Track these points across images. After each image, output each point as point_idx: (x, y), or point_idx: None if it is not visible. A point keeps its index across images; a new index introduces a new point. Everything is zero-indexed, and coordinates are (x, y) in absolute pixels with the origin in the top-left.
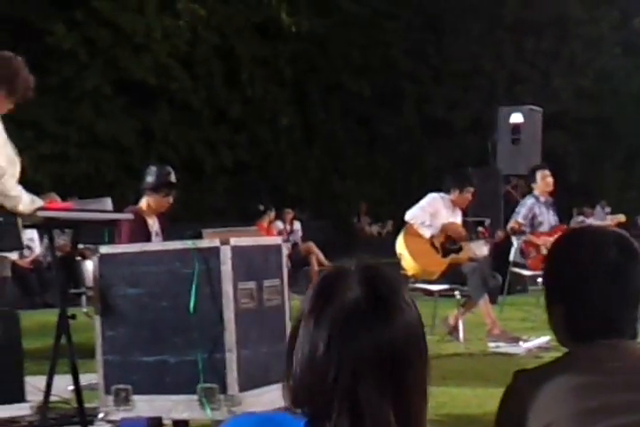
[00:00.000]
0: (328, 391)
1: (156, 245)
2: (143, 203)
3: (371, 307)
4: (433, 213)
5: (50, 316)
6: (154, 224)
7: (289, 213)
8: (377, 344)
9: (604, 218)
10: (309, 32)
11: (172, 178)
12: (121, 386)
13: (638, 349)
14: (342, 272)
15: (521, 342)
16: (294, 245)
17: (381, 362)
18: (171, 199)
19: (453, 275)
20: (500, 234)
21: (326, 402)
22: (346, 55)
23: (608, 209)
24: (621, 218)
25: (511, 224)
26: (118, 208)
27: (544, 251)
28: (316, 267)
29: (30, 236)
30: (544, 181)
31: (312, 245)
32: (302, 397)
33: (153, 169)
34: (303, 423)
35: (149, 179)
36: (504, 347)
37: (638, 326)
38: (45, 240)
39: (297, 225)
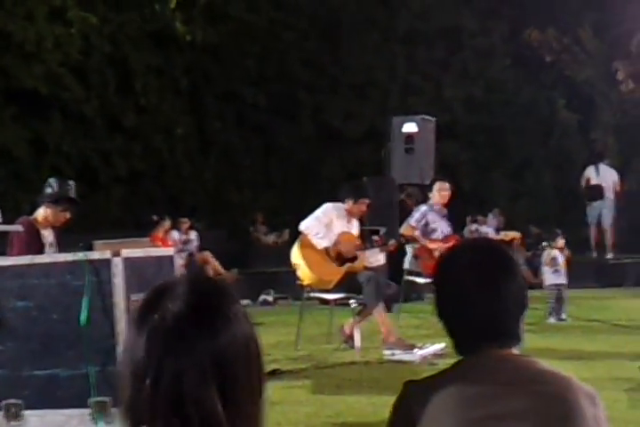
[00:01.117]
0: (148, 407)
1: (47, 257)
2: (39, 214)
3: (192, 320)
4: (327, 222)
5: None
6: (48, 236)
7: (185, 223)
8: (198, 358)
9: (496, 225)
10: (204, 41)
11: (73, 193)
12: (11, 401)
13: (523, 357)
14: (172, 283)
15: (416, 350)
16: (190, 254)
17: (203, 376)
18: (68, 214)
19: (349, 284)
20: (393, 241)
21: (149, 410)
22: (241, 65)
23: (501, 218)
24: (516, 235)
25: (403, 229)
26: (8, 220)
27: (437, 256)
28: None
29: None
30: (440, 193)
31: (208, 255)
32: (126, 413)
33: (54, 181)
34: None
35: (49, 190)
36: (399, 355)
37: (522, 334)
38: None
39: (193, 235)
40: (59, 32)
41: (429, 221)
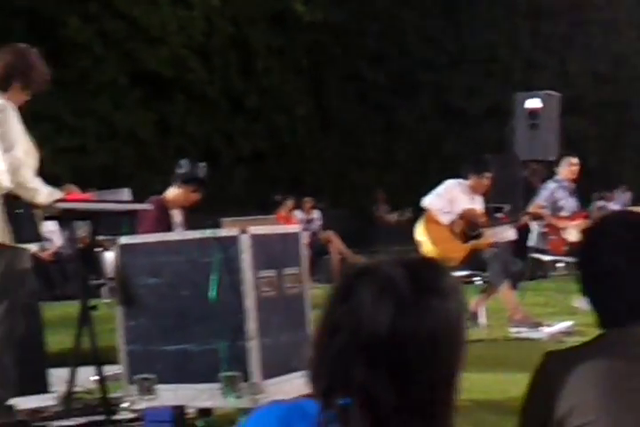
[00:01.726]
0: (344, 377)
1: (176, 235)
2: (170, 194)
3: (411, 289)
4: (450, 199)
5: (71, 307)
6: (177, 216)
7: (308, 202)
8: (407, 331)
9: (623, 201)
10: (324, 21)
11: (203, 174)
12: (144, 376)
13: None
14: (384, 258)
15: (543, 328)
16: (313, 234)
17: (410, 349)
18: (198, 195)
19: (474, 261)
20: (523, 219)
21: (341, 387)
22: (361, 44)
23: (628, 193)
24: None
25: (531, 208)
26: (137, 200)
27: (565, 235)
28: (335, 256)
29: (50, 228)
30: (569, 168)
31: (331, 234)
32: (320, 383)
33: (185, 162)
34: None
35: (180, 171)
36: (526, 332)
37: None
38: (66, 232)
39: (316, 214)
40: (182, 15)
41: (557, 199)
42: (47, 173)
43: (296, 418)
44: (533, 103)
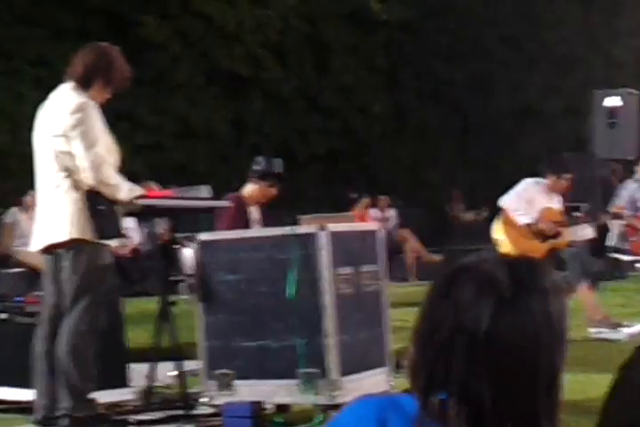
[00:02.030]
0: (443, 373)
1: (255, 231)
2: (247, 190)
3: (512, 288)
4: (529, 199)
5: (149, 303)
6: (254, 212)
7: (383, 201)
8: (507, 329)
9: None
10: (400, 19)
11: (280, 168)
12: (223, 371)
13: None
14: (484, 256)
15: (622, 328)
16: (389, 232)
17: (510, 344)
18: (275, 190)
19: (552, 261)
20: (603, 218)
21: (440, 383)
22: (437, 41)
23: None
24: None
25: (612, 208)
26: (215, 197)
27: None
28: (410, 254)
29: (129, 225)
30: None
31: (407, 233)
32: (420, 379)
33: (261, 158)
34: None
35: (257, 167)
36: (605, 333)
37: None
38: (144, 229)
39: (391, 212)
40: (258, 13)
41: (637, 199)
42: (125, 171)
43: (392, 412)
44: (613, 101)
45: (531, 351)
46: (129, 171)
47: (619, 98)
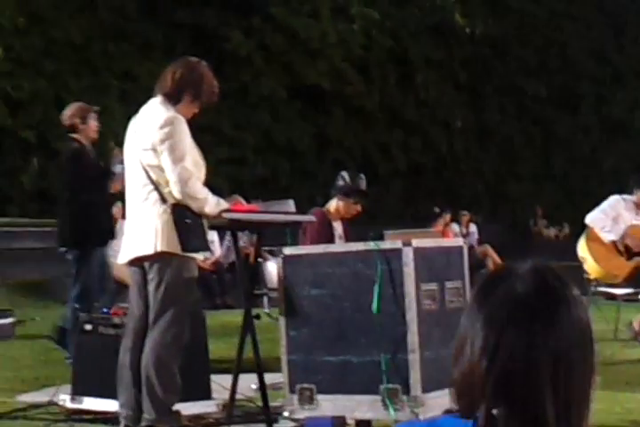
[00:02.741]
0: (480, 387)
1: (339, 246)
2: (331, 206)
3: (539, 300)
4: (615, 216)
5: (231, 317)
6: (338, 227)
7: (465, 216)
8: (537, 340)
9: None
10: (484, 33)
11: (364, 186)
12: (305, 385)
13: None
14: (512, 267)
15: None
16: (470, 247)
17: (541, 360)
18: (359, 207)
19: (638, 279)
20: None
21: (479, 398)
22: (521, 56)
23: None
24: None
25: None
26: (299, 211)
27: None
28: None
29: (211, 238)
30: None
31: (488, 248)
32: (459, 394)
33: (345, 174)
34: (470, 425)
35: (341, 183)
36: None
37: None
38: (225, 242)
39: (473, 228)
40: (342, 28)
41: None
42: (207, 184)
43: None
44: None
45: (565, 363)
46: (211, 185)
47: None
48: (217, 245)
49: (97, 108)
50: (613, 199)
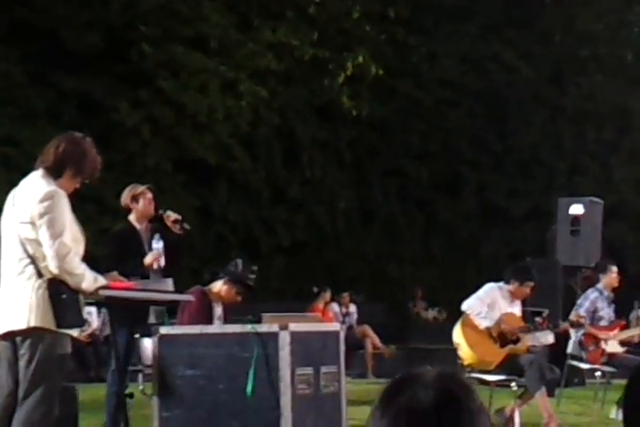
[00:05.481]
0: None
1: (216, 328)
2: (215, 287)
3: (442, 411)
4: (490, 303)
5: (105, 390)
6: (217, 309)
7: (345, 297)
8: None
9: None
10: (370, 116)
11: (252, 281)
12: None
13: None
14: (417, 374)
15: None
16: (349, 327)
17: None
18: (240, 298)
19: (511, 366)
20: (564, 325)
21: None
22: (406, 140)
23: None
24: None
25: (572, 316)
26: (177, 287)
27: (603, 345)
28: (370, 350)
29: (88, 309)
30: (611, 277)
31: (367, 329)
32: None
33: (240, 262)
34: None
35: (232, 269)
36: None
37: None
38: (102, 314)
39: (352, 308)
40: (230, 104)
41: (598, 309)
42: (89, 255)
43: None
44: (577, 209)
45: None
46: (92, 255)
47: (582, 206)
48: (94, 317)
49: None
50: (489, 287)
